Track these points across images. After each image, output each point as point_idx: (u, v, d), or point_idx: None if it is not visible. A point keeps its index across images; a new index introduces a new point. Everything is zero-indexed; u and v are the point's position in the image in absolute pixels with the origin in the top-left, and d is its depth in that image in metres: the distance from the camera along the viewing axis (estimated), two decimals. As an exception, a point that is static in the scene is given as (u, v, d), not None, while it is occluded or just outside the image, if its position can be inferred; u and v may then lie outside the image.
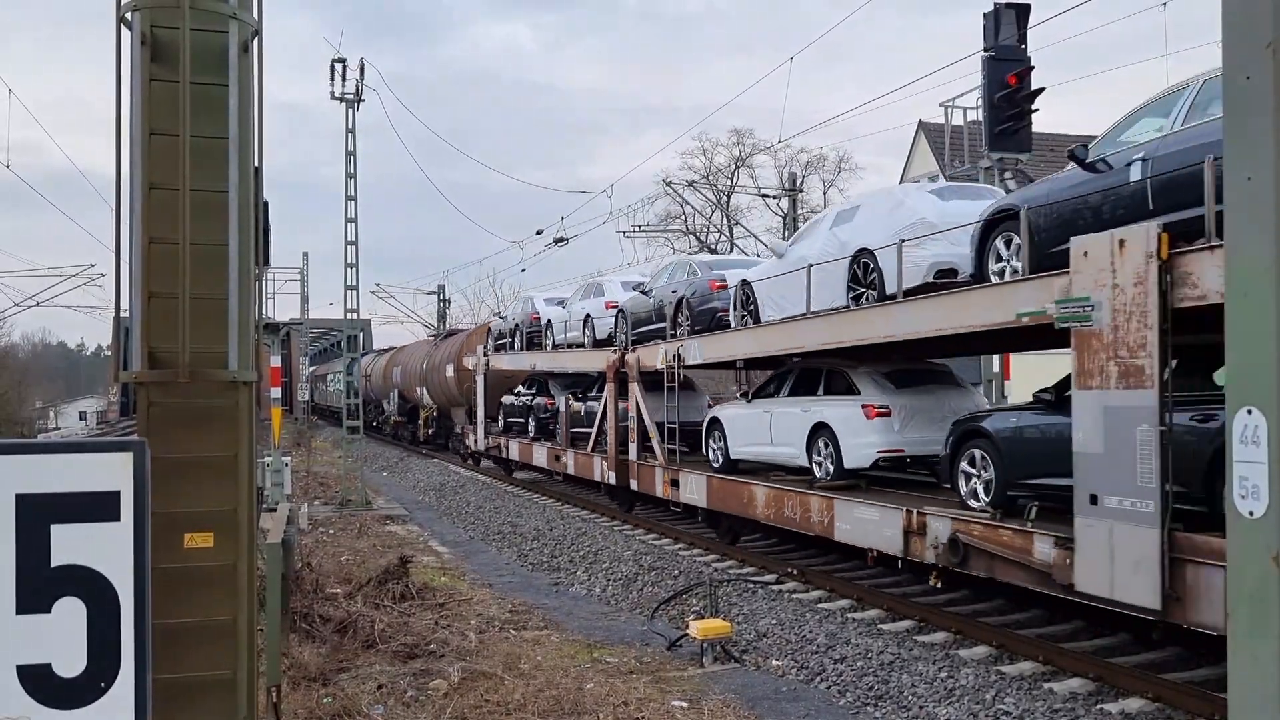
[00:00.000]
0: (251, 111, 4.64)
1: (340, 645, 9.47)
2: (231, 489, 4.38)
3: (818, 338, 12.04)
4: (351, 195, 23.65)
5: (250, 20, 4.64)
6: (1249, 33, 2.66)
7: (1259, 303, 2.62)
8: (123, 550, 3.28)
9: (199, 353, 4.32)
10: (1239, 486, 2.71)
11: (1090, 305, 7.98)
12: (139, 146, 4.35)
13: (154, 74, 4.38)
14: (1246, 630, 2.70)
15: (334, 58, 23.38)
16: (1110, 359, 7.83)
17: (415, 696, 8.15)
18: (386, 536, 18.17)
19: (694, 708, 8.15)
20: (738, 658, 10.03)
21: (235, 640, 4.35)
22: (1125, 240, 7.68)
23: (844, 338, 11.48)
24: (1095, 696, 8.14)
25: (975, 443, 9.80)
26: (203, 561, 4.30)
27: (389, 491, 26.47)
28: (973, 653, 9.38)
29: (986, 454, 9.60)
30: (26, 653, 3.18)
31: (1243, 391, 2.70)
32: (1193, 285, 7.23)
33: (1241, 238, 2.71)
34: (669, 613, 12.16)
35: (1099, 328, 7.91)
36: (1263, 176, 2.62)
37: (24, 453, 3.28)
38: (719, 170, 47.66)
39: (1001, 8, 14.06)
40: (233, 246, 4.43)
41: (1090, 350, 7.98)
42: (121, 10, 4.40)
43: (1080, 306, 8.08)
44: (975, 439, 9.80)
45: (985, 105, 14.26)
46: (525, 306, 25.17)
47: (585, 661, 9.61)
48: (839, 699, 8.72)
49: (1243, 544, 2.70)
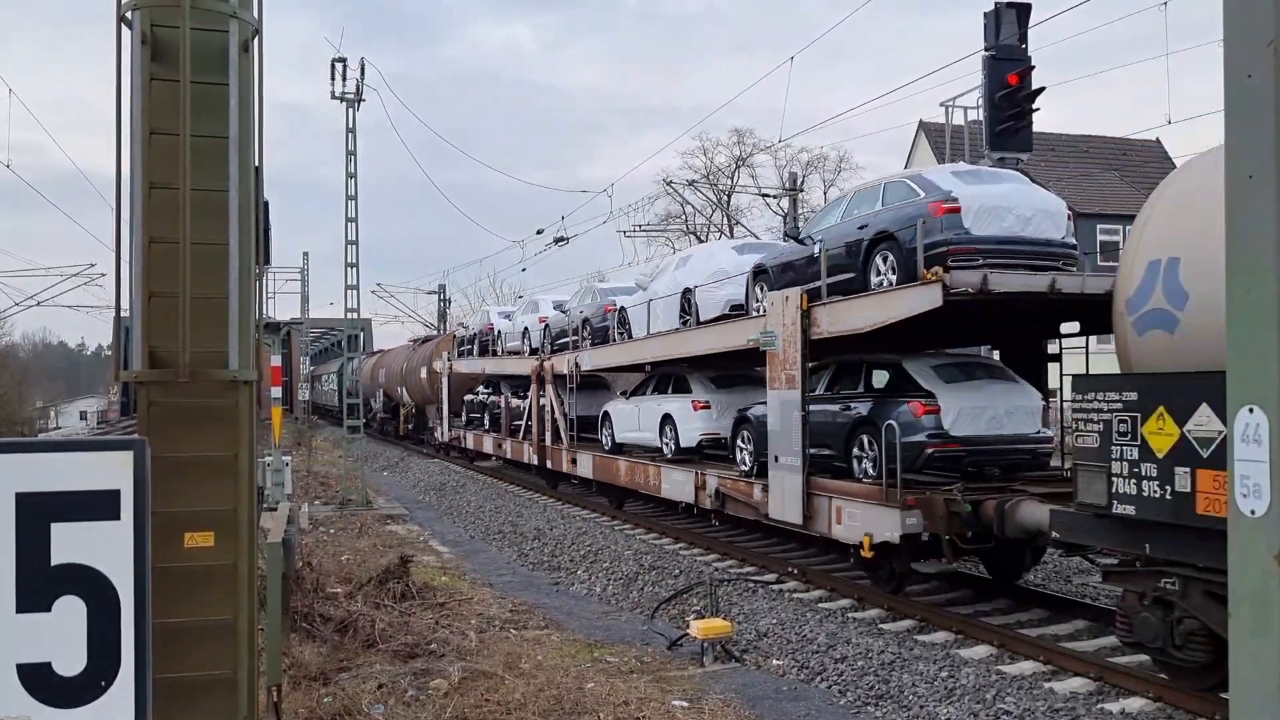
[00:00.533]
0: (252, 111, 4.64)
1: (341, 645, 9.47)
2: (232, 488, 4.37)
3: (655, 351, 17.02)
4: (352, 195, 23.65)
5: (250, 19, 4.64)
6: (1250, 31, 2.65)
7: (1260, 302, 2.62)
8: (123, 549, 3.28)
9: (199, 352, 4.31)
10: (1240, 485, 2.70)
11: (773, 336, 12.31)
12: (139, 146, 4.35)
13: (154, 73, 4.38)
14: (1248, 630, 2.69)
15: (334, 57, 23.39)
16: (782, 370, 12.18)
17: (416, 696, 8.15)
18: (387, 536, 18.17)
19: (694, 707, 8.15)
20: (738, 657, 10.03)
21: (236, 640, 4.35)
22: (788, 297, 12.15)
23: (671, 352, 16.39)
24: (1096, 696, 8.14)
25: (744, 426, 13.97)
26: (203, 561, 4.29)
27: (389, 491, 26.47)
28: (973, 652, 9.38)
29: (749, 433, 13.76)
30: (27, 652, 3.18)
31: (1244, 390, 2.69)
32: (817, 326, 11.80)
33: (1243, 237, 2.70)
34: (669, 612, 12.16)
35: (777, 350, 12.27)
36: (1264, 175, 2.61)
37: (24, 451, 3.28)
38: (719, 170, 47.70)
39: (1002, 7, 14.05)
40: (233, 246, 4.43)
41: (774, 364, 12.34)
42: (122, 10, 4.40)
43: (769, 337, 12.40)
44: (744, 424, 13.98)
45: (986, 105, 14.25)
46: (483, 318, 29.51)
47: (586, 661, 9.61)
48: (840, 698, 8.71)
49: (1244, 543, 2.69)
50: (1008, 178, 11.57)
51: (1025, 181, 11.71)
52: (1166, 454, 7.35)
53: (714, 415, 15.48)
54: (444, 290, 55.98)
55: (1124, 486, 7.72)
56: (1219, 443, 6.88)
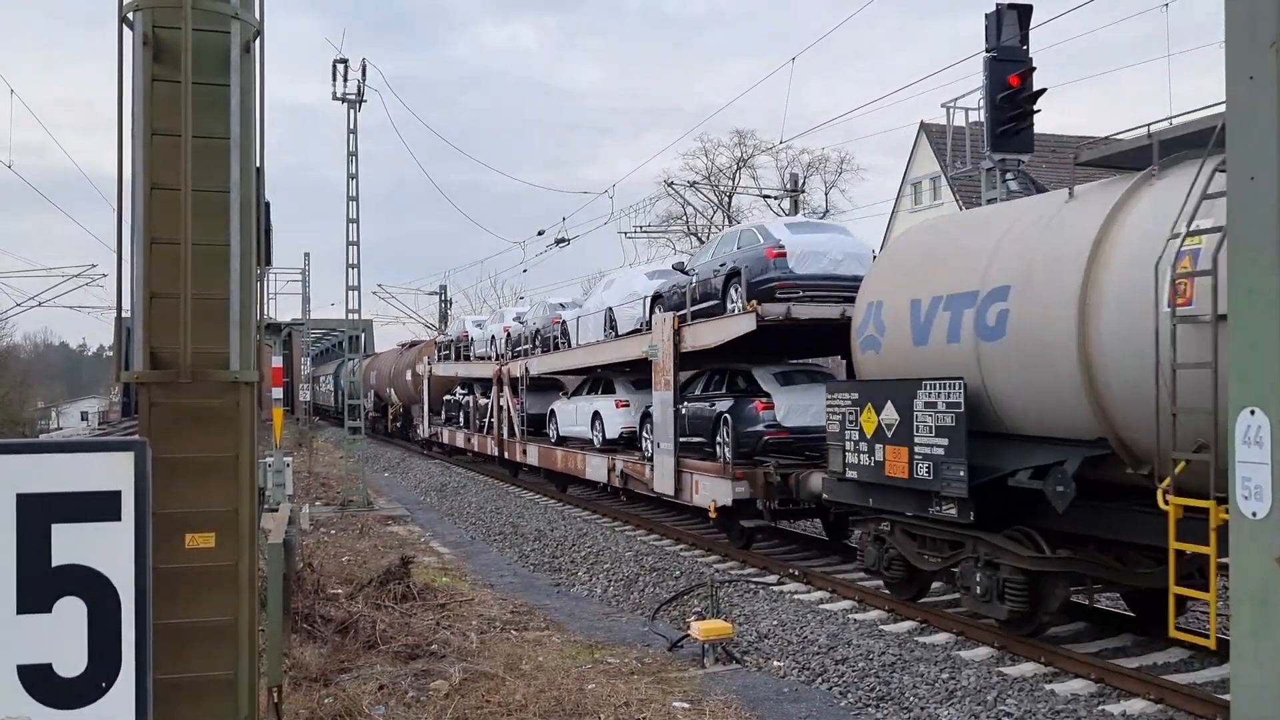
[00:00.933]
0: (253, 112, 4.64)
1: (341, 646, 9.46)
2: (233, 489, 4.37)
3: (581, 359, 20.75)
4: (353, 195, 23.67)
5: (252, 20, 4.64)
6: (1252, 33, 2.65)
7: (1262, 302, 2.61)
8: (124, 550, 3.28)
9: (201, 353, 4.32)
10: (1242, 487, 2.69)
11: (656, 349, 15.88)
12: (141, 147, 4.35)
13: (156, 74, 4.38)
14: (1249, 631, 2.68)
15: (335, 58, 23.39)
16: (662, 376, 15.74)
17: (416, 697, 8.15)
18: (388, 537, 18.16)
19: (695, 708, 8.14)
20: (739, 658, 10.02)
21: (236, 640, 4.35)
22: (665, 319, 15.68)
23: (592, 360, 20.12)
24: (1097, 698, 8.13)
25: (647, 420, 16.90)
26: (204, 562, 4.29)
27: (390, 492, 26.47)
28: (974, 654, 9.37)
29: (650, 426, 16.56)
30: (27, 652, 3.18)
31: (1245, 392, 2.68)
32: (685, 342, 15.28)
33: (1244, 237, 2.69)
34: (670, 613, 12.15)
35: (659, 360, 15.82)
36: (1265, 176, 2.61)
37: (25, 452, 3.29)
38: (720, 171, 47.72)
39: (1003, 9, 14.04)
40: (234, 247, 4.43)
41: (657, 371, 15.94)
42: (123, 11, 4.40)
43: (654, 350, 15.97)
44: (647, 418, 16.90)
45: (987, 106, 14.24)
46: (459, 326, 33.23)
47: (586, 662, 9.61)
48: (840, 700, 8.70)
49: (1246, 545, 2.68)
50: (829, 229, 15.40)
51: (844, 231, 15.26)
52: (871, 435, 10.55)
53: (633, 412, 18.36)
54: (445, 291, 56.00)
55: (851, 458, 10.96)
56: (897, 426, 10.13)
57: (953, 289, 9.86)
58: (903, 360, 10.53)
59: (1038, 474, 8.73)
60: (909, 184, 40.27)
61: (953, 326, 9.76)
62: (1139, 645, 9.39)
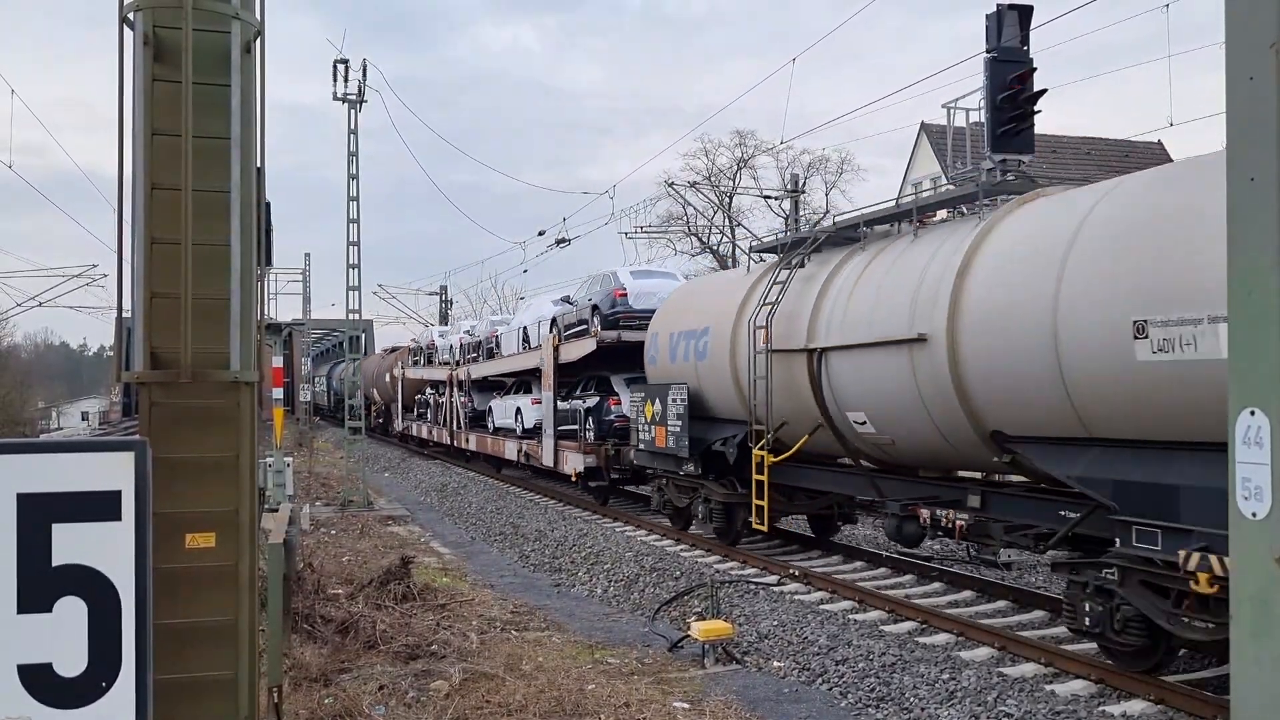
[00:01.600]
0: (254, 112, 4.64)
1: (342, 646, 9.46)
2: (233, 489, 4.38)
3: (499, 368, 27.22)
4: (354, 196, 23.66)
5: (252, 20, 4.64)
6: (1252, 34, 2.65)
7: (1262, 303, 2.61)
8: (124, 550, 3.29)
9: (201, 353, 4.32)
10: (1242, 488, 2.68)
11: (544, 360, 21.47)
12: (141, 147, 4.35)
13: (156, 74, 4.38)
14: (1249, 632, 2.68)
15: (336, 58, 23.38)
16: (549, 379, 21.48)
17: (416, 697, 8.15)
18: (388, 537, 18.16)
19: (695, 709, 8.14)
20: (739, 659, 10.02)
21: (237, 640, 4.35)
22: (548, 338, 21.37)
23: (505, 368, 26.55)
24: (1097, 699, 8.13)
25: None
26: (204, 562, 4.30)
27: (391, 492, 26.47)
28: (975, 654, 9.37)
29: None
30: (27, 652, 3.18)
31: (1245, 392, 2.67)
32: (561, 355, 21.14)
33: (1244, 238, 2.69)
34: (670, 614, 12.15)
35: (545, 369, 21.58)
36: (1265, 177, 2.61)
37: (25, 452, 3.29)
38: (721, 171, 47.68)
39: (1004, 9, 14.02)
40: (235, 247, 4.43)
41: (545, 377, 21.66)
42: (124, 11, 4.40)
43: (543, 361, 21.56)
44: None
45: (988, 107, 14.20)
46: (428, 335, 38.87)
47: (587, 662, 9.61)
48: (840, 700, 8.70)
49: (1246, 546, 2.68)
50: (661, 275, 21.37)
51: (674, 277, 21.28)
52: (649, 420, 16.18)
53: (544, 407, 22.60)
54: (445, 291, 56.00)
55: (643, 436, 16.62)
56: (660, 414, 15.65)
57: (687, 327, 15.85)
58: (663, 371, 16.54)
59: (725, 443, 14.53)
60: (909, 184, 40.26)
61: (685, 351, 15.71)
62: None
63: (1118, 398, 7.91)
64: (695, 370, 15.16)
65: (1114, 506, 8.00)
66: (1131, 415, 7.89)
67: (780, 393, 12.81)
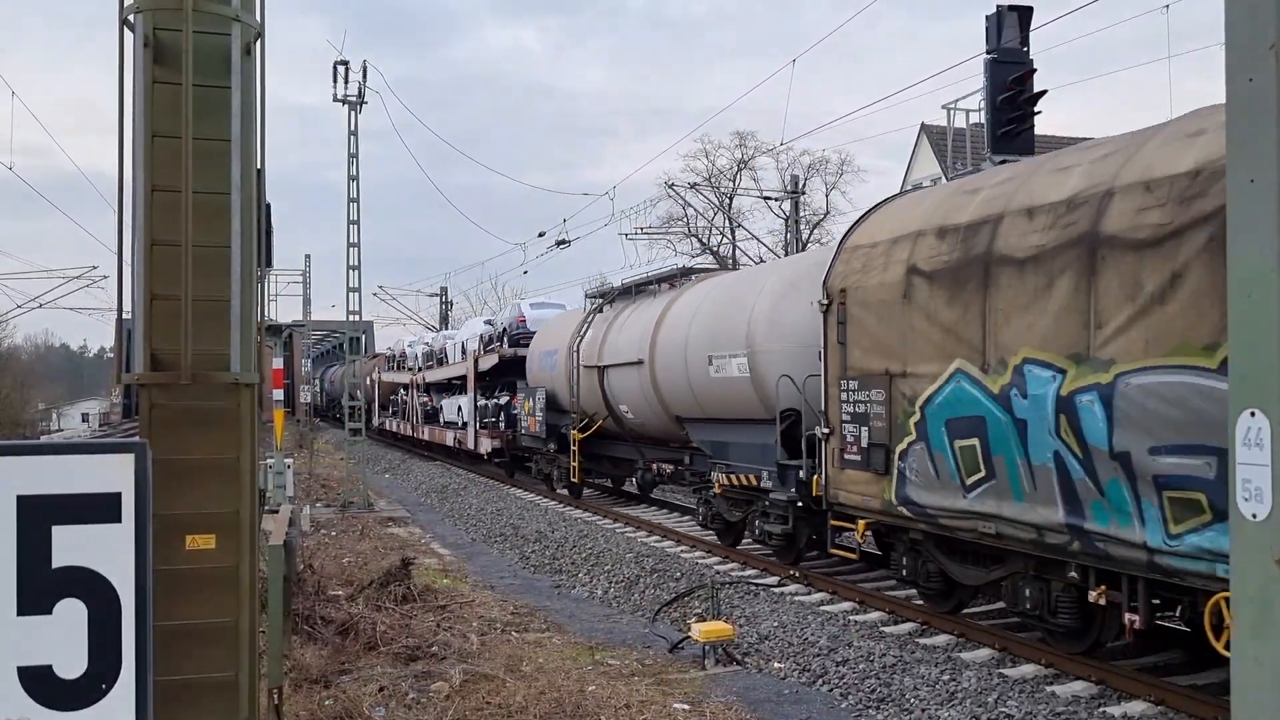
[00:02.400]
0: (254, 113, 4.64)
1: (342, 647, 9.46)
2: (233, 491, 4.37)
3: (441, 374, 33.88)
4: (354, 197, 23.67)
5: (253, 22, 4.64)
6: (1252, 35, 2.65)
7: (1262, 304, 2.61)
8: (124, 552, 3.28)
9: (201, 354, 4.32)
10: (1242, 489, 2.68)
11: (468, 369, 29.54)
12: (142, 149, 4.35)
13: (157, 76, 4.38)
14: (1250, 633, 2.68)
15: (336, 60, 23.40)
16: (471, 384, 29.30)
17: (417, 698, 8.15)
18: (388, 538, 18.16)
19: (696, 710, 8.14)
20: (740, 660, 10.02)
21: (237, 642, 4.35)
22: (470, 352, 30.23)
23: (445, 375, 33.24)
24: (1098, 700, 8.12)
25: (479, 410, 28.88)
26: (205, 563, 4.29)
27: (391, 493, 26.47)
28: (975, 655, 9.37)
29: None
30: (27, 654, 3.18)
31: (1245, 393, 2.67)
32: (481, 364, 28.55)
33: (1244, 240, 2.69)
34: (671, 615, 12.15)
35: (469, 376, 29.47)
36: (1265, 178, 2.61)
37: (25, 454, 3.28)
38: (721, 172, 47.66)
39: (1004, 10, 14.02)
40: (235, 248, 4.43)
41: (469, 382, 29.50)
42: (124, 12, 4.40)
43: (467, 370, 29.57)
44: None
45: (988, 108, 14.20)
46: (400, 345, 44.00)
47: (587, 664, 9.61)
48: (841, 701, 8.70)
49: (1246, 546, 2.68)
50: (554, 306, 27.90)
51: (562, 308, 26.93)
52: (527, 412, 23.34)
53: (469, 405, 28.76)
54: (445, 293, 56.03)
55: (524, 425, 23.76)
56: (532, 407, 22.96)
57: (547, 348, 22.71)
58: (534, 379, 23.42)
59: (565, 428, 20.92)
60: (910, 185, 40.25)
61: (546, 365, 22.53)
62: (1140, 647, 9.38)
63: (706, 395, 14.69)
64: (551, 378, 22.18)
65: (710, 454, 15.14)
66: (711, 405, 14.71)
67: (585, 394, 20.06)
